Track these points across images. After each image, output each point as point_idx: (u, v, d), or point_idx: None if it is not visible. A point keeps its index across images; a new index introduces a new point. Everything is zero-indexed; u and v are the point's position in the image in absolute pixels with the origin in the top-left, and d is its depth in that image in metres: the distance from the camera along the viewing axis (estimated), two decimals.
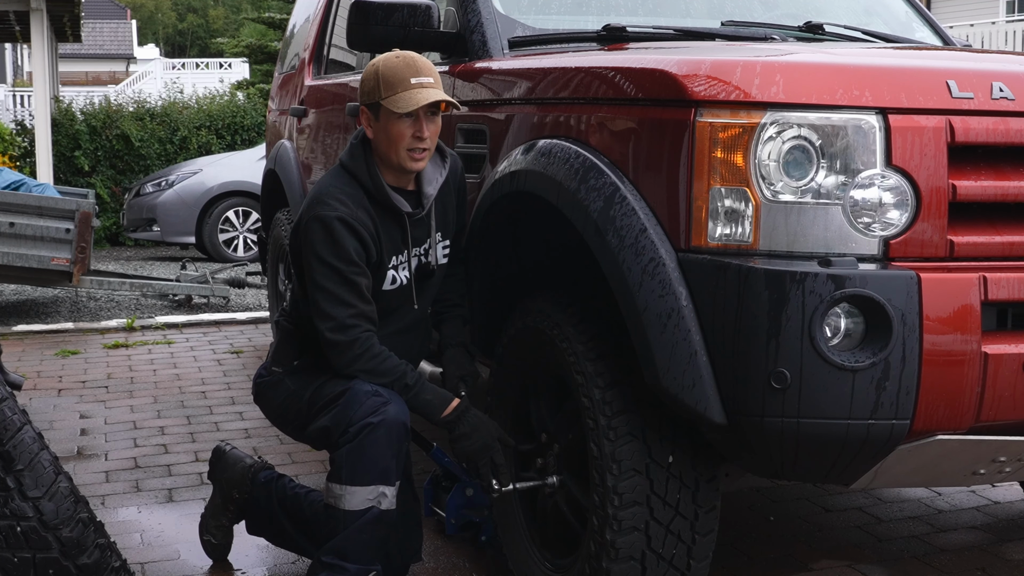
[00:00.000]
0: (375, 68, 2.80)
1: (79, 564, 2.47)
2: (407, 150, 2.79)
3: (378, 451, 2.67)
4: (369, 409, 2.69)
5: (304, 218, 2.79)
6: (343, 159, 2.88)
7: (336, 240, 2.72)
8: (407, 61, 2.78)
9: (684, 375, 2.24)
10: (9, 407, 2.49)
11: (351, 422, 2.69)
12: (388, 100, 2.75)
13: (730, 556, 3.30)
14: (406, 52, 2.83)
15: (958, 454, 2.28)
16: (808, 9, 3.80)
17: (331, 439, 2.75)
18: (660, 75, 2.37)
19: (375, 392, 2.72)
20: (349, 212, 2.75)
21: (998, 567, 3.26)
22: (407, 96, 2.74)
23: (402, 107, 2.73)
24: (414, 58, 2.80)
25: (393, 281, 2.88)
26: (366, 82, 2.81)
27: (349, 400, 2.73)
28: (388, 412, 2.68)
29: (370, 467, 2.68)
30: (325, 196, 2.78)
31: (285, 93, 5.63)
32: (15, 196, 6.98)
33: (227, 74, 30.17)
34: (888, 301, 2.10)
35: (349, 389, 2.75)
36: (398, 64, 2.77)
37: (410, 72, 2.76)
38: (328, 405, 2.78)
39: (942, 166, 2.20)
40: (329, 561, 2.73)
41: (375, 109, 2.80)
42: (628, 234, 2.35)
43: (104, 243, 12.61)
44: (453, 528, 3.31)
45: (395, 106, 2.74)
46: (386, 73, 2.77)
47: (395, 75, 2.76)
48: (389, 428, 2.67)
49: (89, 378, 5.66)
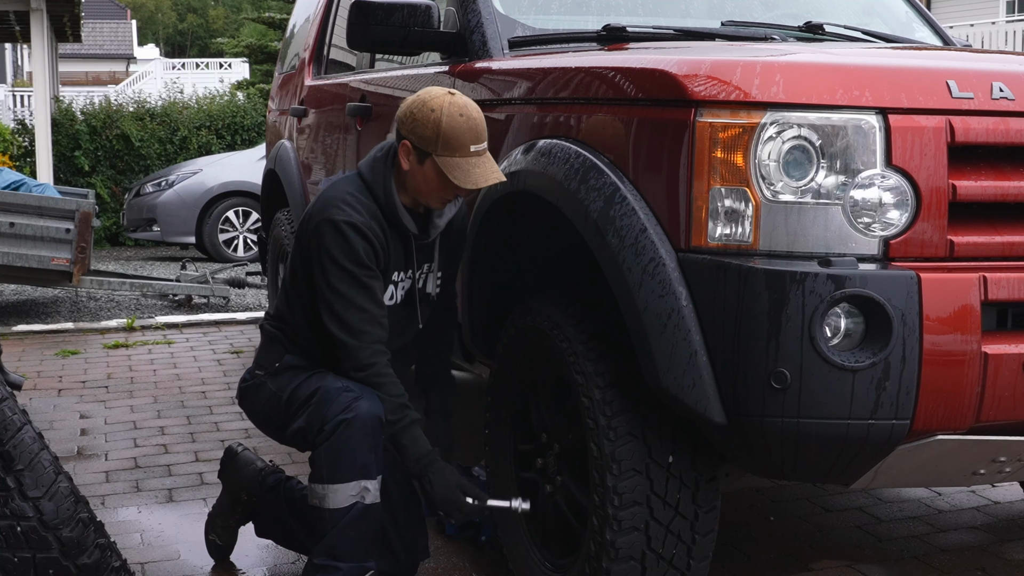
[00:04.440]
0: (437, 119, 2.70)
1: (79, 564, 2.47)
2: (438, 197, 2.81)
3: (355, 447, 2.67)
4: (341, 405, 2.69)
5: (315, 219, 2.79)
6: (363, 170, 2.86)
7: (349, 243, 2.73)
8: (471, 125, 2.71)
9: (684, 375, 2.24)
10: (9, 407, 2.49)
11: (325, 420, 2.70)
12: (443, 160, 2.71)
13: (730, 556, 3.30)
14: (469, 108, 2.74)
15: (958, 454, 2.28)
16: (808, 9, 3.80)
17: (308, 439, 2.76)
18: (660, 75, 2.37)
19: (346, 388, 2.73)
20: (362, 219, 2.75)
21: (998, 567, 3.26)
22: (466, 167, 2.70)
23: (460, 181, 2.70)
24: (477, 122, 2.73)
25: (391, 297, 2.89)
26: (422, 125, 2.72)
27: (321, 398, 2.74)
28: (360, 408, 2.68)
29: (349, 463, 2.68)
30: (339, 201, 2.77)
31: (285, 93, 5.63)
32: (15, 196, 6.99)
33: (227, 74, 30.20)
34: (888, 301, 2.10)
35: (320, 387, 2.76)
36: (462, 125, 2.70)
37: (471, 138, 2.71)
38: (303, 405, 2.79)
39: (942, 166, 2.20)
40: (321, 563, 2.74)
41: (423, 155, 2.75)
42: (628, 234, 2.35)
43: (104, 243, 12.62)
44: (453, 528, 3.32)
45: (452, 175, 2.70)
46: (448, 132, 2.70)
47: (458, 138, 2.70)
48: (363, 423, 2.68)
49: (89, 378, 5.66)
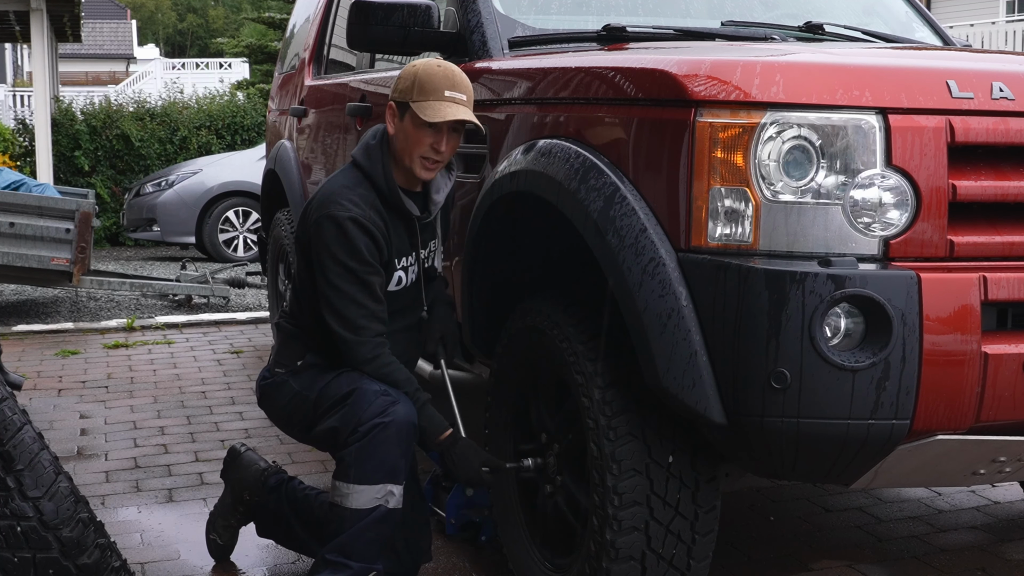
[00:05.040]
0: (415, 70, 2.81)
1: (79, 564, 2.47)
2: (421, 157, 2.82)
3: (388, 450, 2.68)
4: (378, 409, 2.70)
5: (315, 215, 2.80)
6: (357, 158, 2.89)
7: (350, 240, 2.74)
8: (447, 72, 2.79)
9: (684, 375, 2.24)
10: (9, 407, 2.49)
11: (360, 422, 2.70)
12: (418, 105, 2.77)
13: (730, 556, 3.30)
14: (449, 64, 2.84)
15: (958, 454, 2.28)
16: (808, 9, 3.79)
17: (339, 439, 2.75)
18: (660, 75, 2.37)
19: (384, 392, 2.74)
20: (362, 213, 2.77)
21: (998, 567, 3.26)
22: (437, 106, 2.76)
23: (428, 116, 2.75)
24: (454, 72, 2.81)
25: (399, 282, 2.91)
26: (403, 79, 2.82)
27: (357, 400, 2.74)
28: (398, 412, 2.70)
29: (379, 466, 2.69)
30: (337, 196, 2.79)
31: (285, 93, 5.63)
32: (15, 196, 6.98)
33: (227, 74, 30.19)
34: (888, 301, 2.10)
35: (357, 389, 2.75)
36: (437, 73, 2.78)
37: (446, 84, 2.77)
38: (335, 405, 2.78)
39: (942, 166, 2.20)
40: (333, 559, 2.74)
41: (403, 108, 2.81)
42: (628, 234, 2.35)
43: (104, 243, 12.61)
44: (453, 528, 3.31)
45: (423, 113, 2.76)
46: (423, 78, 2.77)
47: (432, 83, 2.77)
48: (399, 428, 2.69)
49: (89, 378, 5.66)
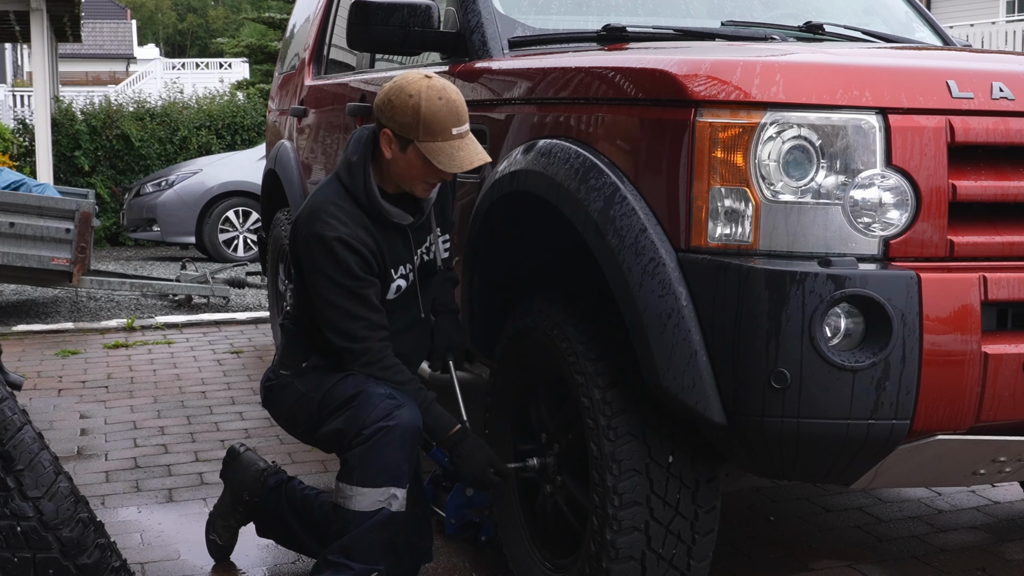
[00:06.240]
0: (415, 104, 2.68)
1: (79, 564, 2.47)
2: (423, 183, 2.79)
3: (392, 454, 2.68)
4: (383, 412, 2.69)
5: (303, 233, 2.76)
6: (341, 176, 2.82)
7: (339, 260, 2.71)
8: (450, 107, 2.69)
9: (684, 375, 2.24)
10: (9, 407, 2.49)
11: (365, 424, 2.69)
12: (426, 147, 2.69)
13: (730, 556, 3.30)
14: (447, 90, 2.71)
15: (958, 454, 2.28)
16: (808, 9, 3.80)
17: (344, 441, 2.74)
18: (660, 75, 2.37)
19: (389, 395, 2.73)
20: (349, 232, 2.73)
21: (998, 567, 3.26)
22: (450, 152, 2.69)
23: (445, 165, 2.69)
24: (455, 102, 2.71)
25: (397, 290, 2.89)
26: (400, 111, 2.69)
27: (362, 402, 2.73)
28: (403, 416, 2.69)
29: (383, 469, 2.68)
30: (323, 213, 2.74)
31: (285, 93, 5.63)
32: (15, 196, 6.98)
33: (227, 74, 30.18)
34: (888, 301, 2.10)
35: (362, 392, 2.74)
36: (441, 109, 2.68)
37: (452, 120, 2.69)
38: (341, 408, 2.77)
39: (942, 166, 2.20)
40: (335, 560, 2.74)
41: (405, 143, 2.72)
42: (628, 234, 2.35)
43: (104, 243, 12.62)
44: (453, 528, 3.31)
45: (436, 160, 2.68)
46: (428, 118, 2.67)
47: (438, 122, 2.68)
48: (404, 431, 2.68)
49: (89, 378, 5.66)
